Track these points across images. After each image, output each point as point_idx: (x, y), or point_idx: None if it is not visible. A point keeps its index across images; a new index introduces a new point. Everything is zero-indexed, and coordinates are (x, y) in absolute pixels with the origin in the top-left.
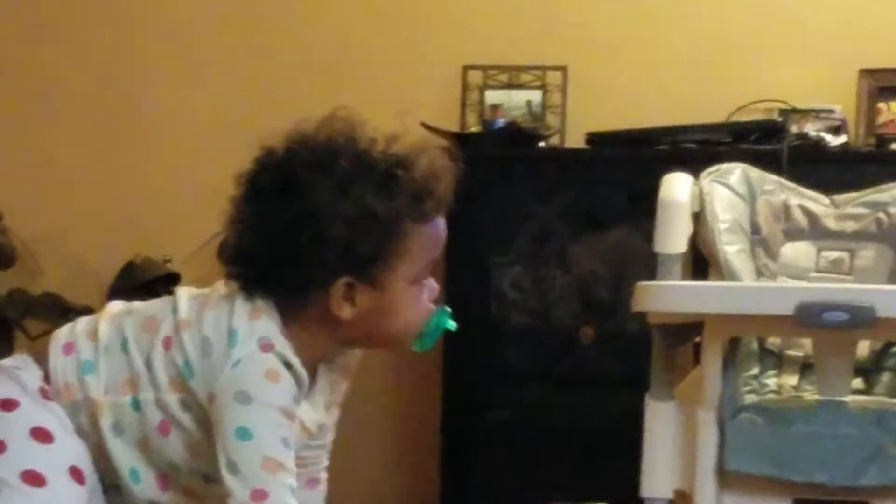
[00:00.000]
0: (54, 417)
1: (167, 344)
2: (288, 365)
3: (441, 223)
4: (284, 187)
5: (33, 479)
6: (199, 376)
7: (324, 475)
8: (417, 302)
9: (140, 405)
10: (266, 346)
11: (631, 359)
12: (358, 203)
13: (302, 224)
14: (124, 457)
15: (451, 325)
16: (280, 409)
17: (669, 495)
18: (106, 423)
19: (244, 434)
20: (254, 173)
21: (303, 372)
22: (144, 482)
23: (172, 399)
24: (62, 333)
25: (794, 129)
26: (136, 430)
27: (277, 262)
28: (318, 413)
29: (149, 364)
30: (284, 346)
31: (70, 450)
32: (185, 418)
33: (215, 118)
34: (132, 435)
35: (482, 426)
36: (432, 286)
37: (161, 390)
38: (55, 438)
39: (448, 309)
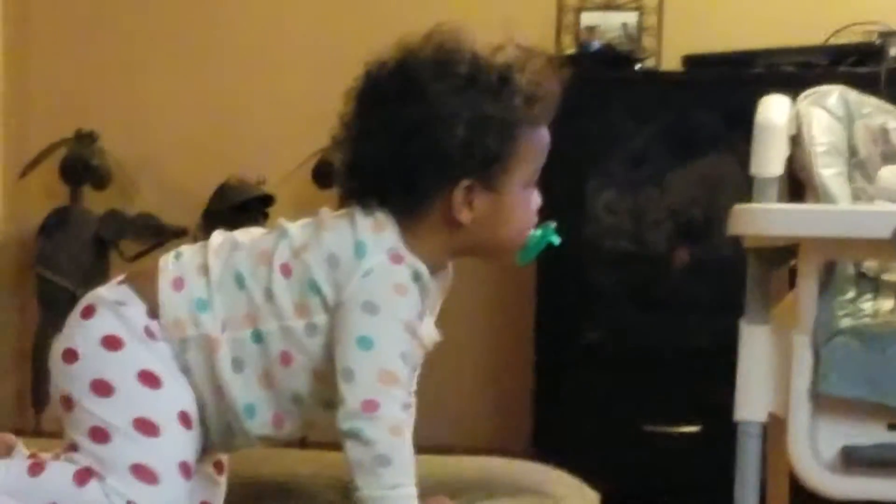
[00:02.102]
0: (159, 359)
1: (286, 271)
2: (416, 277)
3: (546, 131)
4: (402, 93)
5: (147, 427)
6: (327, 290)
7: (413, 399)
8: (529, 207)
9: (262, 337)
10: (396, 258)
11: (724, 283)
12: (476, 105)
13: (423, 127)
14: (242, 392)
15: (556, 239)
16: (404, 323)
17: (763, 419)
18: (224, 359)
19: (365, 343)
20: (367, 85)
21: (430, 282)
22: (259, 417)
23: (298, 325)
24: (169, 266)
25: (893, 51)
26: (258, 363)
27: (399, 168)
28: (432, 329)
29: (269, 295)
30: (412, 257)
31: (178, 394)
32: (312, 343)
33: (310, 38)
34: (253, 370)
35: (575, 348)
36: (537, 196)
37: (285, 318)
38: (163, 383)
39: (554, 224)
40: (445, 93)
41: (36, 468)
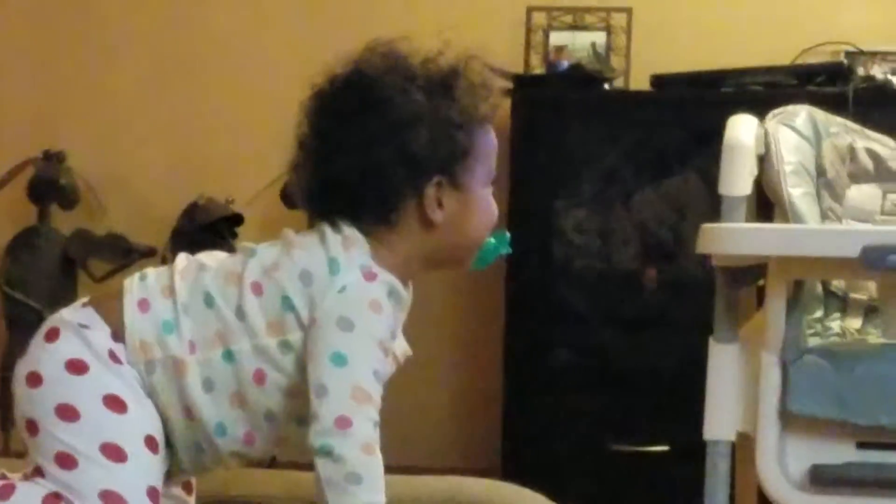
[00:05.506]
0: (124, 383)
1: (257, 289)
2: (391, 292)
3: (492, 131)
4: (360, 104)
5: (114, 452)
6: (300, 306)
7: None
8: (491, 206)
9: (234, 356)
10: (370, 275)
11: (694, 301)
12: (433, 105)
13: (388, 134)
14: (213, 412)
15: (508, 249)
16: (378, 341)
17: (732, 438)
18: (193, 380)
19: (339, 360)
20: (321, 103)
21: (406, 295)
22: (231, 435)
23: (271, 343)
24: (134, 288)
25: (860, 71)
26: (230, 383)
27: (371, 179)
28: (404, 343)
29: (241, 314)
30: (385, 273)
31: (143, 418)
32: (285, 361)
33: (279, 57)
34: (225, 389)
35: (545, 367)
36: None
37: (258, 336)
38: (128, 407)
39: (508, 233)
40: (402, 97)
41: (5, 491)
